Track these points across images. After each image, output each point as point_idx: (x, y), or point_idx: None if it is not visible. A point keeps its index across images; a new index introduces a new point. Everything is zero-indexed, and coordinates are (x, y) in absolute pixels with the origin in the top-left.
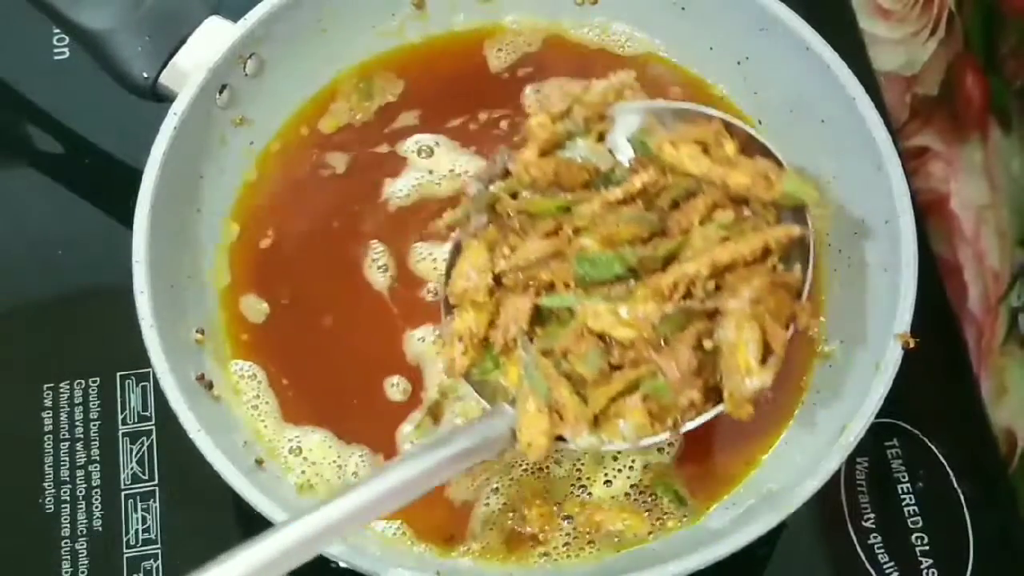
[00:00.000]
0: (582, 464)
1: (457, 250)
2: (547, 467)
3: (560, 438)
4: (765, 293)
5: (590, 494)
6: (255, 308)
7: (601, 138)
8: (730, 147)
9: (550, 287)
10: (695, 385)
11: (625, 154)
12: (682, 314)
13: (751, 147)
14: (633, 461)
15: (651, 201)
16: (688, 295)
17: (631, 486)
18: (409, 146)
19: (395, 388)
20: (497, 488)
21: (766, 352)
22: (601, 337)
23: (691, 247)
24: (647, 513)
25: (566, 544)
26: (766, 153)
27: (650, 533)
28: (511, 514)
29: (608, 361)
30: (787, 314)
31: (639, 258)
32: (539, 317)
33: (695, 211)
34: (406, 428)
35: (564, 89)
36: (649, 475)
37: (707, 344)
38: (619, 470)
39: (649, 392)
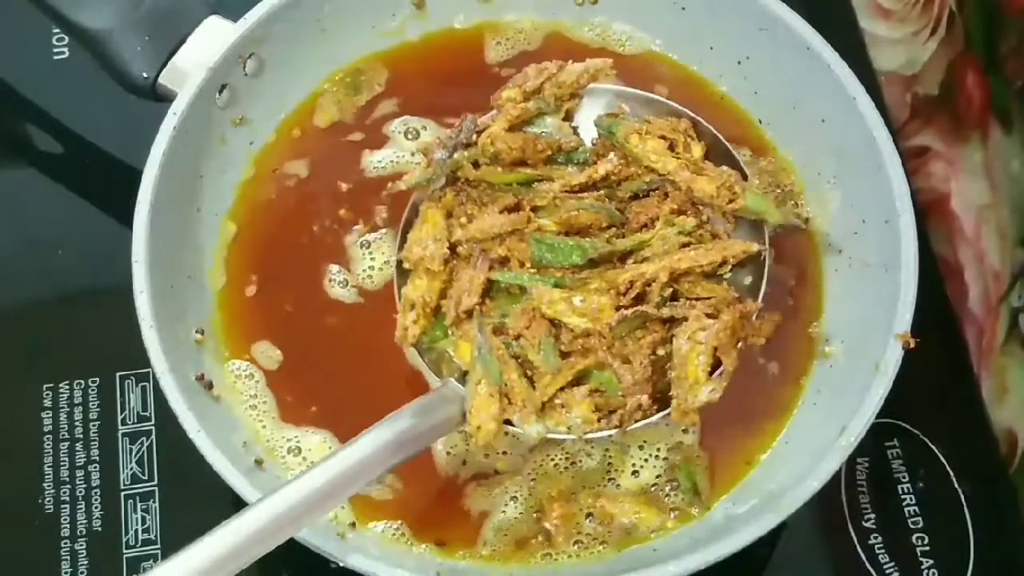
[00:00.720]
0: (611, 456)
1: (414, 213)
2: (580, 460)
3: (507, 422)
4: (721, 310)
5: (618, 485)
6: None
7: (568, 117)
8: (697, 150)
9: (504, 262)
10: (646, 390)
11: (589, 135)
12: (638, 318)
13: (716, 151)
14: (658, 449)
15: (612, 190)
16: (641, 295)
17: (656, 476)
18: (396, 127)
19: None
20: (516, 496)
21: (715, 365)
22: (552, 322)
23: (650, 247)
24: (659, 507)
25: (576, 543)
26: (730, 159)
27: (653, 531)
28: (535, 515)
29: (559, 349)
30: (740, 333)
31: (599, 252)
32: (490, 291)
33: (656, 210)
34: None
35: (540, 67)
36: (677, 458)
37: (660, 351)
38: (646, 459)
39: (597, 385)
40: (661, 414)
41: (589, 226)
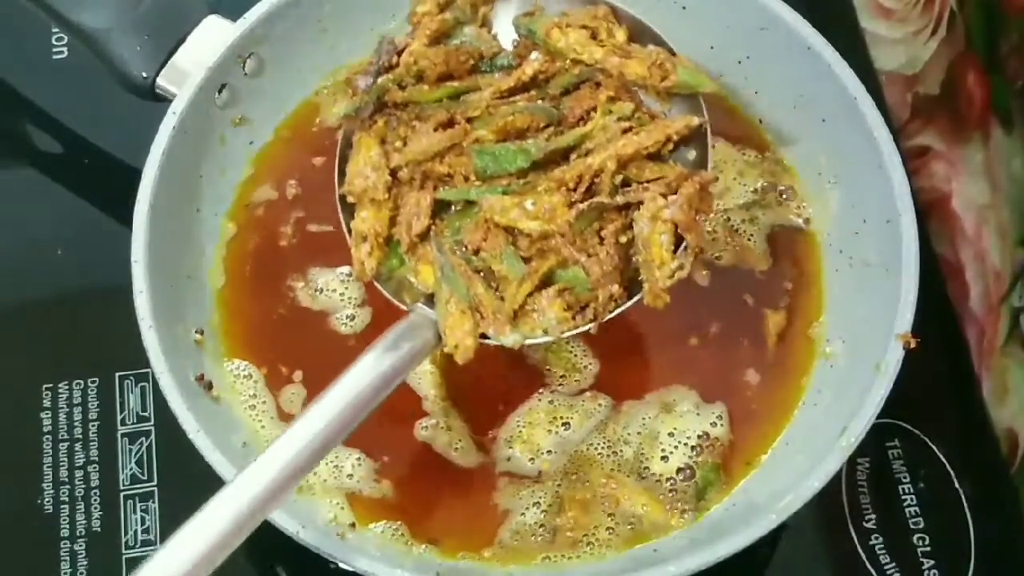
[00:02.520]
0: (643, 445)
1: (348, 145)
2: (620, 450)
3: (483, 336)
4: (676, 186)
5: (650, 471)
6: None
7: (485, 24)
8: (620, 34)
9: (448, 179)
10: (615, 280)
11: (509, 39)
12: (594, 211)
13: (639, 33)
14: (688, 438)
15: (542, 88)
16: (592, 188)
17: (684, 464)
18: None
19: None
20: (539, 502)
21: (678, 242)
22: (508, 230)
23: (592, 139)
24: (667, 504)
25: (589, 544)
26: (656, 40)
27: (656, 528)
28: (558, 518)
29: (520, 256)
30: (697, 205)
31: (543, 152)
32: (439, 210)
33: (591, 101)
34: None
35: None
36: (704, 450)
37: (622, 239)
38: (675, 447)
39: (565, 284)
40: (634, 299)
41: (527, 128)
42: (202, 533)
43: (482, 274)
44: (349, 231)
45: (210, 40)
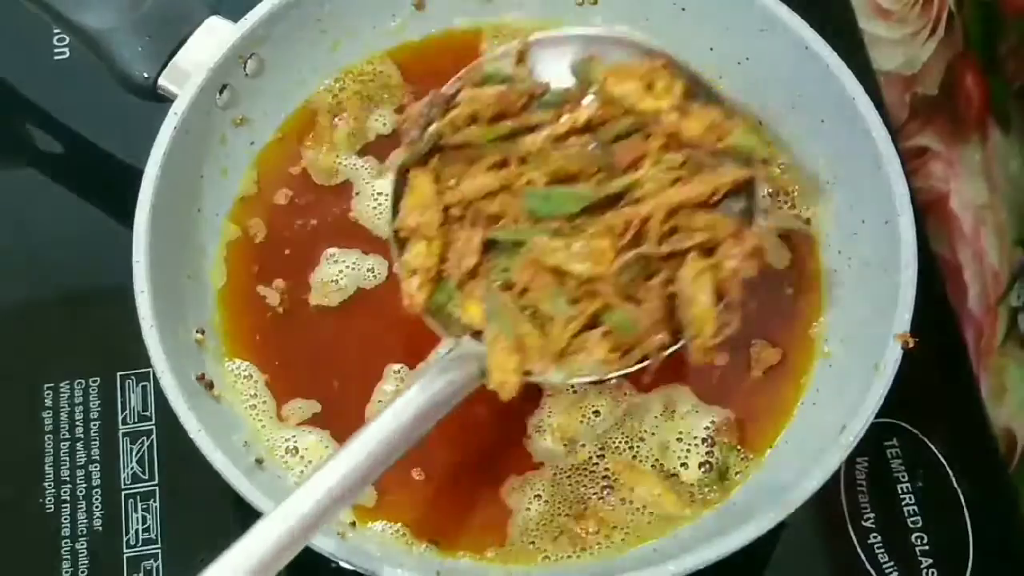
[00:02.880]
0: (658, 458)
1: (401, 180)
2: (642, 459)
3: (527, 373)
4: (720, 241)
5: (676, 475)
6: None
7: (521, 60)
8: (678, 88)
9: (498, 219)
10: (662, 330)
11: (566, 82)
12: (641, 259)
13: (696, 87)
14: (695, 438)
15: (594, 134)
16: (639, 235)
17: (702, 462)
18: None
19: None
20: (539, 495)
21: (721, 296)
22: (555, 272)
23: (641, 187)
24: (681, 494)
25: (598, 543)
26: (711, 94)
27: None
28: (565, 514)
29: (567, 297)
30: (740, 265)
31: (594, 197)
32: (489, 249)
33: (642, 148)
34: None
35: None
36: (719, 438)
37: (671, 288)
38: (687, 449)
39: (611, 327)
40: (678, 345)
41: (578, 173)
42: (243, 559)
43: (529, 313)
44: (400, 264)
45: (211, 41)
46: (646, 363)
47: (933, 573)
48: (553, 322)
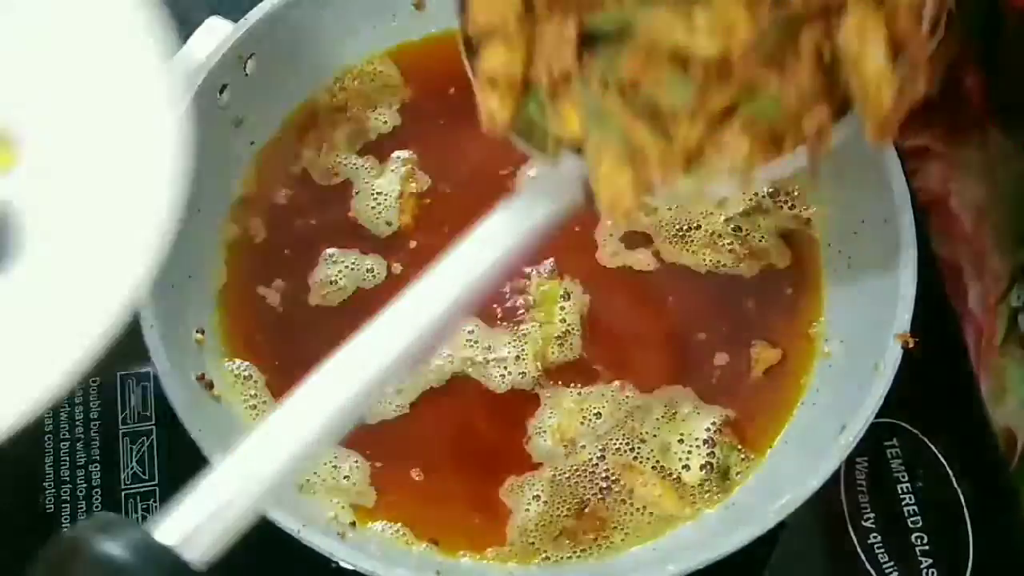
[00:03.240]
0: (659, 459)
1: None
2: (642, 460)
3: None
4: None
5: (677, 477)
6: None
7: None
8: None
9: (593, 4)
10: (821, 100)
11: None
12: (786, 21)
13: None
14: (696, 439)
15: None
16: None
17: (704, 462)
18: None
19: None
20: (539, 495)
21: (897, 48)
22: (673, 58)
23: None
24: (682, 495)
25: (598, 543)
26: None
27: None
28: (565, 514)
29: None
30: (919, 4)
31: None
32: (586, 45)
33: None
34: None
35: None
36: (720, 438)
37: (825, 56)
38: (689, 451)
39: (751, 116)
40: (845, 126)
41: None
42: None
43: (643, 113)
44: (474, 76)
45: (211, 41)
46: (813, 152)
47: (933, 573)
48: (676, 118)
